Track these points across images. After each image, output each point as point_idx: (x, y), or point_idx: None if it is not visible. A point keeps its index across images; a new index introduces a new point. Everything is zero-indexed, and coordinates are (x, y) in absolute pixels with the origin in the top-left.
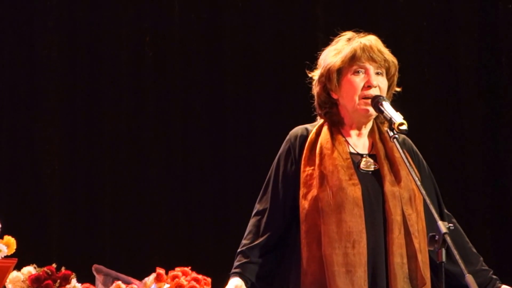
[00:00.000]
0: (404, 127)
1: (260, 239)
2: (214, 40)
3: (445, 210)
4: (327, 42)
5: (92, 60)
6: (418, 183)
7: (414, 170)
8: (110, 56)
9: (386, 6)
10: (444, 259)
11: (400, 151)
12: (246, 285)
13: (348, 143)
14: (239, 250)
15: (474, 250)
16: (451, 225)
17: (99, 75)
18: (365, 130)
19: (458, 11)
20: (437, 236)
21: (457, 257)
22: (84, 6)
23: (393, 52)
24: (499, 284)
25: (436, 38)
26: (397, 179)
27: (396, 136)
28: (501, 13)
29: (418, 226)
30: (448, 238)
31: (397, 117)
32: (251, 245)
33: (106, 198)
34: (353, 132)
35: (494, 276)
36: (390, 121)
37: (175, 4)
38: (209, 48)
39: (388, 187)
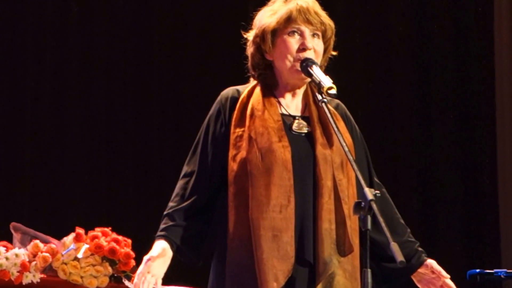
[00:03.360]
0: (333, 91)
1: (187, 202)
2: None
3: (376, 179)
4: (256, 3)
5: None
6: (346, 148)
7: (342, 134)
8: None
9: None
10: (369, 226)
11: (329, 115)
12: (171, 248)
13: (280, 104)
14: (165, 212)
15: (402, 221)
16: (378, 192)
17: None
18: (299, 92)
19: None
20: (363, 203)
21: (383, 225)
22: None
23: None
24: (425, 257)
25: (368, 2)
26: (330, 143)
27: (325, 100)
28: None
29: (348, 192)
30: (374, 206)
31: (326, 81)
32: (177, 207)
33: (26, 156)
34: (287, 94)
35: (420, 249)
36: (319, 85)
37: None
38: (135, 7)
39: (320, 150)
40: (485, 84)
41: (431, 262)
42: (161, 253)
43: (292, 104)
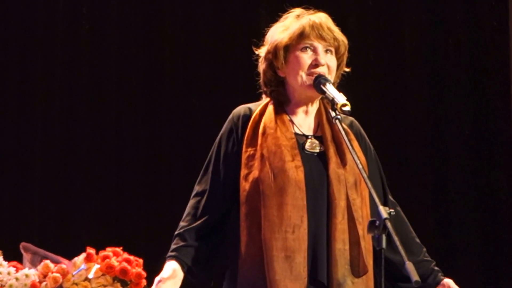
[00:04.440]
0: (347, 108)
1: (198, 222)
2: (152, 15)
3: (390, 197)
4: (269, 19)
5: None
6: (360, 166)
7: (356, 153)
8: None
9: None
10: (384, 245)
11: (342, 133)
12: (182, 269)
13: (293, 123)
14: (176, 232)
15: (418, 240)
16: (392, 210)
17: (33, 47)
18: (312, 110)
19: None
20: (377, 222)
21: (397, 243)
22: None
23: None
24: (442, 277)
25: (381, 18)
26: (343, 162)
27: (339, 117)
28: None
29: (362, 212)
30: (389, 224)
31: (340, 98)
32: (188, 227)
33: (35, 175)
34: (299, 112)
35: (436, 268)
36: (333, 102)
37: None
38: (147, 23)
39: (333, 170)
40: (501, 99)
41: (448, 281)
42: (172, 274)
43: (304, 123)
